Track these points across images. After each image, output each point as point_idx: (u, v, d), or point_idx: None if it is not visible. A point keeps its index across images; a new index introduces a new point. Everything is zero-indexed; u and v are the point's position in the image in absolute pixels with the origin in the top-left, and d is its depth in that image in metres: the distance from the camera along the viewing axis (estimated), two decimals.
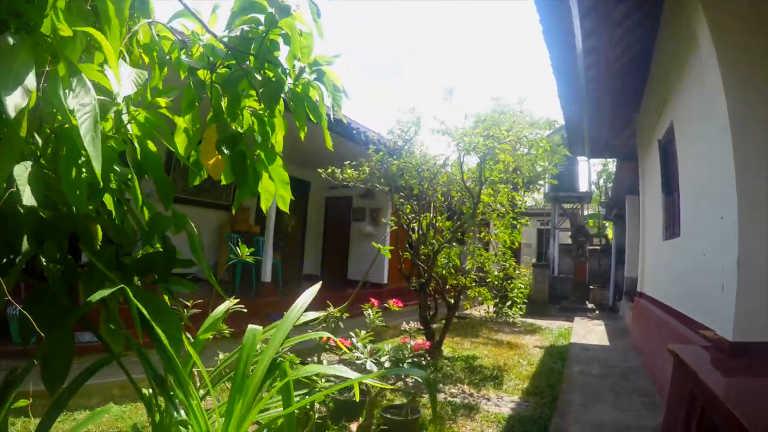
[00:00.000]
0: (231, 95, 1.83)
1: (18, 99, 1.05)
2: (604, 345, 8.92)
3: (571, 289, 17.10)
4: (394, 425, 4.15)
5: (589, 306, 15.62)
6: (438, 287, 7.89)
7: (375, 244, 3.18)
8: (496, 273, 8.20)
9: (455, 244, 8.09)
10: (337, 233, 14.87)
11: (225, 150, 1.77)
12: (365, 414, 4.06)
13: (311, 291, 2.73)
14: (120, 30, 1.38)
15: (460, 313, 10.76)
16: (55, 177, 1.40)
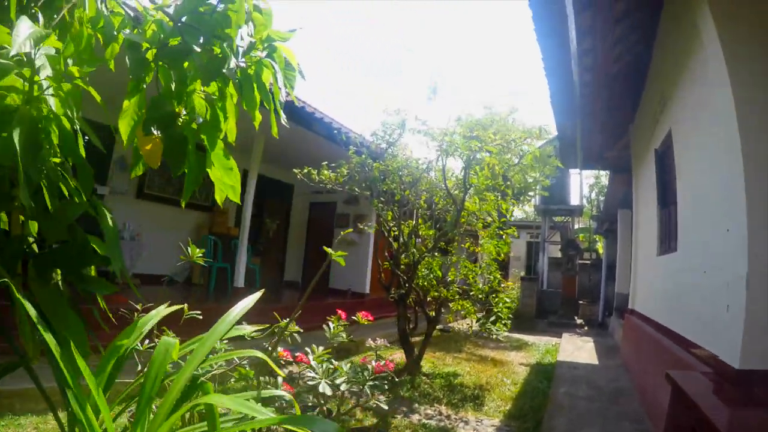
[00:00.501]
0: (177, 76, 1.66)
1: None
2: (592, 364, 8.49)
3: (560, 304, 16.72)
4: None
5: (578, 322, 15.22)
6: (419, 299, 7.45)
7: (327, 249, 2.73)
8: (480, 286, 7.75)
9: (438, 254, 7.67)
10: (320, 239, 14.41)
11: (155, 131, 1.65)
12: None
13: (249, 300, 2.31)
14: None
15: (444, 327, 10.30)
16: None
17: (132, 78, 1.66)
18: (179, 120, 1.68)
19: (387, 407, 3.39)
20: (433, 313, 7.38)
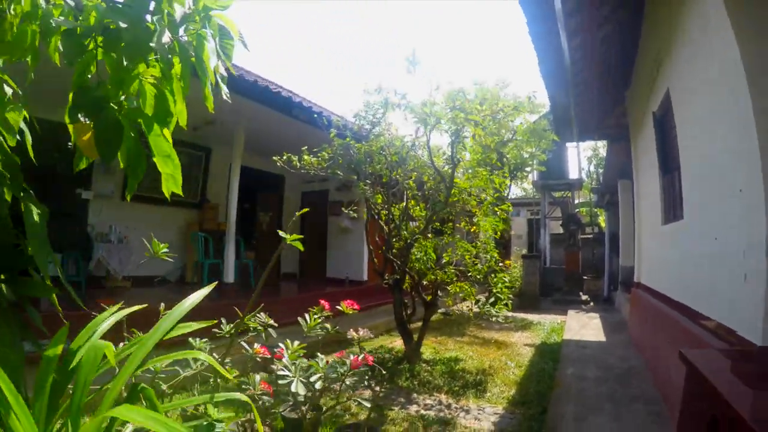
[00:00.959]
0: (115, 59, 1.55)
1: None
2: (600, 341, 8.16)
3: (564, 281, 16.39)
4: None
5: (583, 297, 14.88)
6: (414, 283, 7.13)
7: (281, 232, 2.44)
8: (479, 266, 7.40)
9: (431, 235, 7.32)
10: (315, 229, 14.15)
11: (82, 117, 1.54)
12: None
13: (197, 295, 2.03)
14: None
15: (446, 310, 9.98)
16: None
17: (68, 64, 1.52)
18: (113, 105, 1.54)
19: (369, 404, 3.10)
20: (430, 298, 7.07)
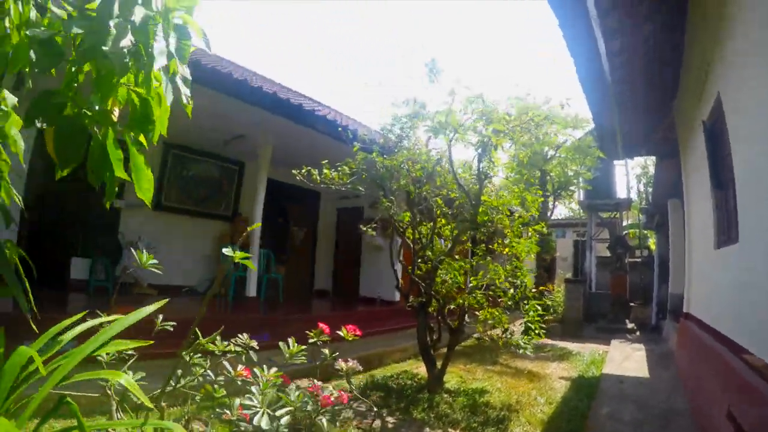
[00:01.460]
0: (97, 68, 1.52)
1: None
2: (642, 377, 7.41)
3: (610, 307, 15.46)
4: None
5: (629, 326, 14.00)
6: (440, 307, 6.62)
7: (227, 252, 2.08)
8: (511, 291, 6.82)
9: (458, 257, 6.80)
10: (349, 246, 13.86)
11: (39, 123, 1.49)
12: None
13: (146, 310, 2.03)
14: None
15: (479, 335, 9.40)
16: None
17: (39, 72, 1.50)
18: (79, 111, 1.51)
19: None
20: (457, 324, 6.54)
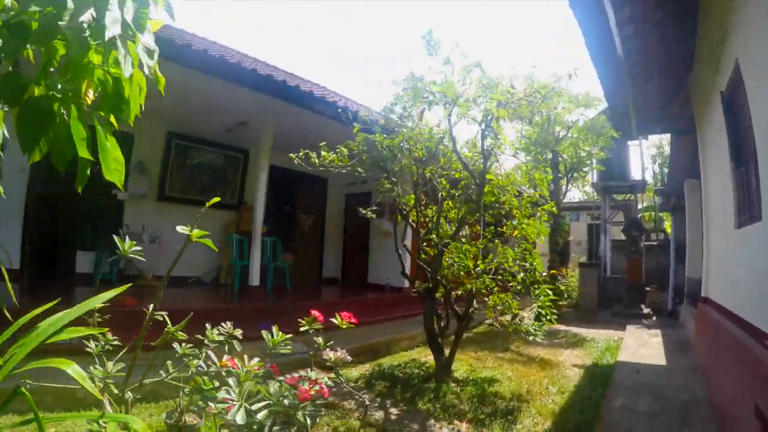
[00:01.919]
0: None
1: None
2: (659, 365, 7.10)
3: (625, 291, 15.09)
4: None
5: (645, 311, 13.66)
6: (446, 293, 6.36)
7: (183, 229, 1.84)
8: (521, 275, 6.52)
9: (464, 240, 6.53)
10: (358, 233, 13.64)
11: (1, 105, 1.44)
12: None
13: (103, 296, 1.92)
14: None
15: (492, 320, 9.08)
16: None
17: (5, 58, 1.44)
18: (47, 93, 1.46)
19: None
20: (463, 310, 6.28)
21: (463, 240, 6.51)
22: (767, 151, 3.75)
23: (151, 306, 2.36)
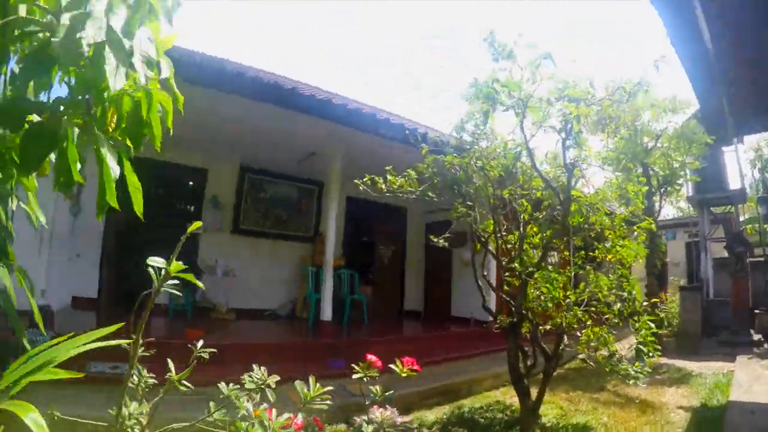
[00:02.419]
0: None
1: None
2: None
3: (731, 316, 13.61)
4: None
5: (755, 337, 12.16)
6: (533, 329, 5.72)
7: (152, 260, 1.47)
8: (619, 306, 5.75)
9: (551, 267, 5.88)
10: (439, 263, 13.16)
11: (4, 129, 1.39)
12: None
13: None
14: None
15: (585, 356, 8.07)
16: None
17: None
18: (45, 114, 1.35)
19: None
20: (552, 348, 5.61)
21: (550, 268, 5.88)
22: None
23: (200, 343, 2.24)
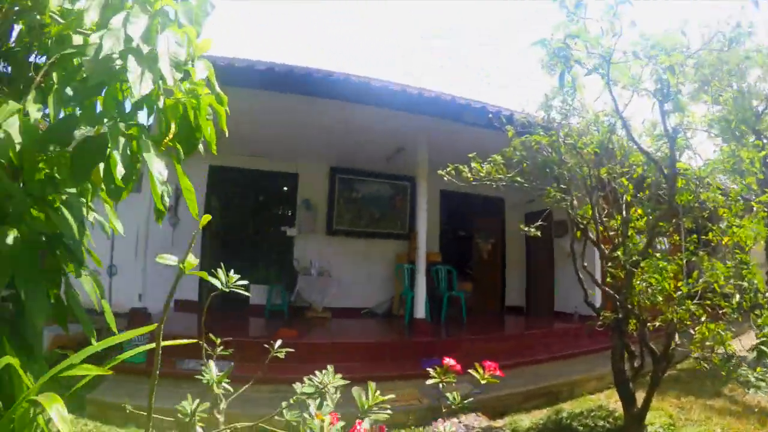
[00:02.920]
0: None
1: None
2: None
3: None
4: None
5: None
6: (639, 325, 5.00)
7: (162, 258, 1.17)
8: (738, 298, 4.90)
9: (659, 254, 5.11)
10: (542, 255, 12.43)
11: (52, 147, 1.49)
12: None
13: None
14: None
15: (699, 356, 6.92)
16: None
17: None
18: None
19: None
20: (661, 348, 4.87)
21: (658, 255, 5.11)
22: None
23: (278, 343, 2.30)
